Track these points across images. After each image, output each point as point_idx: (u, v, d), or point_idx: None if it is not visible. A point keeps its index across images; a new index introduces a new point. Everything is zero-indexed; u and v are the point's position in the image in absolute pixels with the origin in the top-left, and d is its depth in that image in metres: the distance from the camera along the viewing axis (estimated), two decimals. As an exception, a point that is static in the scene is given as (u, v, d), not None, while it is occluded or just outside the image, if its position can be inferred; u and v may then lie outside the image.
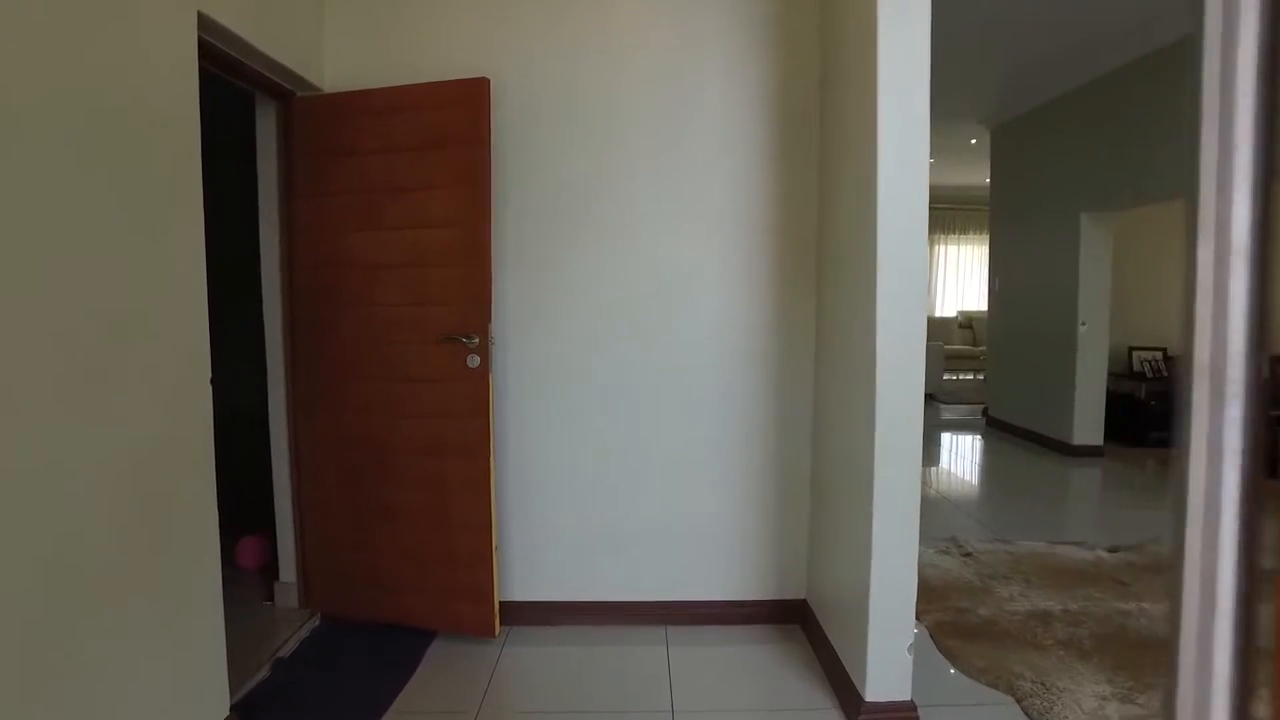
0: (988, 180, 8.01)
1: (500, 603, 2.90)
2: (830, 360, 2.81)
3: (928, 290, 2.33)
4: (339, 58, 2.94)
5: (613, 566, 3.07)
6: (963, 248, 12.54)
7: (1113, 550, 3.91)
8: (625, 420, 3.02)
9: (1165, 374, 6.87)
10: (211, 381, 2.13)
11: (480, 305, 2.73)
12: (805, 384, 3.03)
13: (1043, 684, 2.58)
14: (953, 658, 2.77)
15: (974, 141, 8.27)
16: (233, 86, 2.69)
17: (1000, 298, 7.62)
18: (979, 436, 7.30)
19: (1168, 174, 5.19)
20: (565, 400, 3.00)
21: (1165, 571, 3.61)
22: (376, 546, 2.90)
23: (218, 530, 2.16)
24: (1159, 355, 6.99)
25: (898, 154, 2.24)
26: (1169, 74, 5.13)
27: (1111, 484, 5.64)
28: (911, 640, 2.33)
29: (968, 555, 3.83)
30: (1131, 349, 7.04)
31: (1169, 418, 6.75)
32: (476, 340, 2.73)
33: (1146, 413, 6.71)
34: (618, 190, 2.95)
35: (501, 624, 2.93)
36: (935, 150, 8.12)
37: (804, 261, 2.99)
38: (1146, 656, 2.77)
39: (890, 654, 2.33)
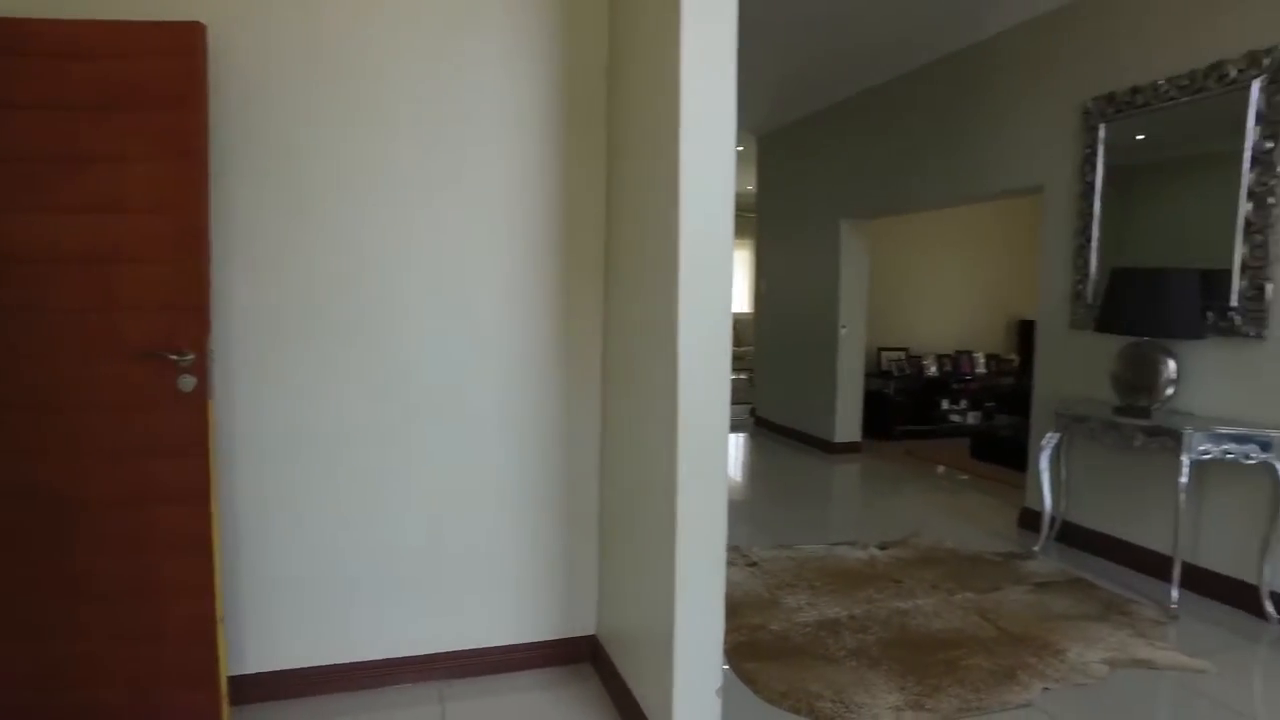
0: (751, 187, 8.34)
1: (230, 679, 2.33)
2: (620, 372, 2.57)
3: (732, 297, 2.29)
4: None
5: (373, 620, 2.60)
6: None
7: (883, 547, 4.08)
8: (385, 448, 2.56)
9: (909, 372, 7.53)
10: None
11: (195, 312, 2.15)
12: (592, 397, 2.76)
13: (842, 702, 2.51)
14: (752, 683, 2.64)
15: (740, 148, 8.58)
16: None
17: (766, 301, 7.94)
18: (748, 436, 7.55)
19: (915, 187, 5.60)
20: (312, 429, 2.48)
21: (929, 565, 3.81)
22: (53, 629, 2.20)
23: None
24: (903, 355, 7.65)
25: (703, 148, 2.04)
26: (922, 92, 5.52)
27: (871, 478, 6.02)
28: (721, 682, 2.14)
29: (753, 565, 3.79)
30: (880, 349, 7.63)
31: (913, 412, 7.41)
32: (191, 357, 2.15)
33: (894, 408, 7.30)
34: (376, 175, 2.49)
35: (231, 705, 2.36)
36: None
37: (591, 265, 2.72)
38: (928, 656, 2.82)
39: (698, 697, 2.12)
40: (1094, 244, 3.99)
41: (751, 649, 2.89)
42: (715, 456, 2.12)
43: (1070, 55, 4.15)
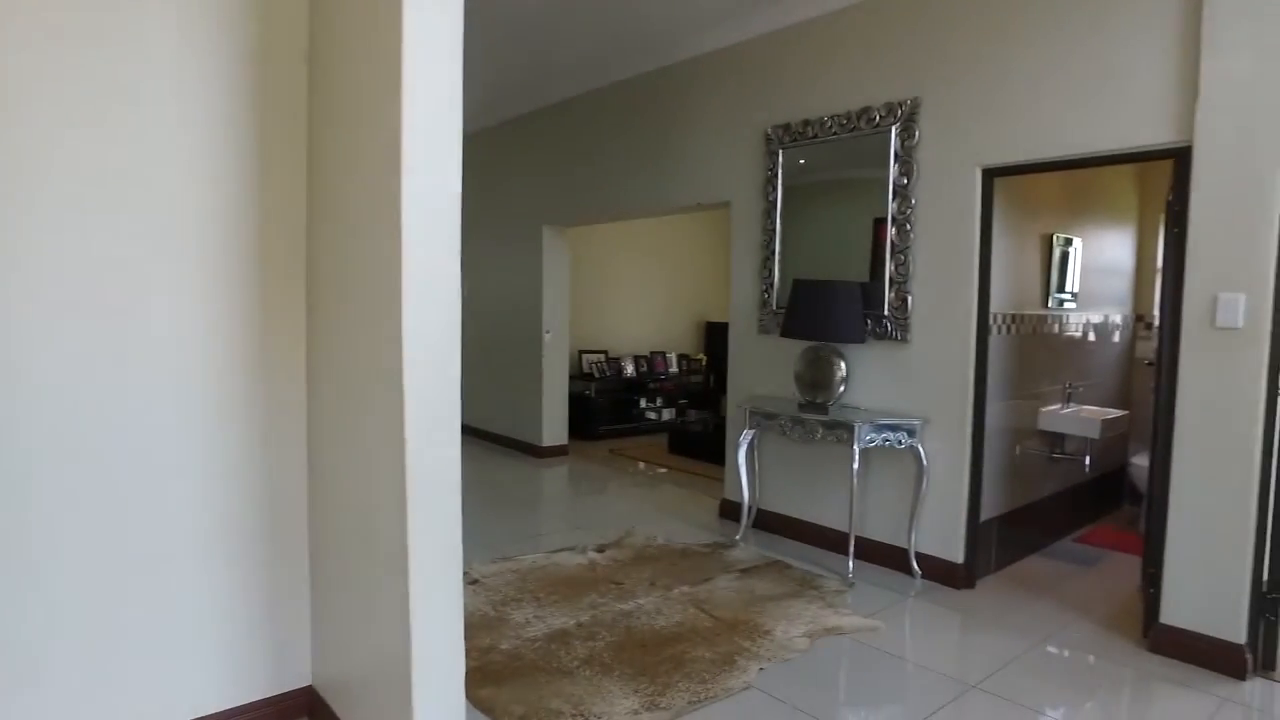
0: (452, 189, 8.08)
1: None
2: (332, 385, 2.29)
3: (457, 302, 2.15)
4: None
5: (15, 713, 2.01)
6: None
7: (600, 549, 4.15)
8: (21, 503, 1.99)
9: (609, 374, 7.83)
10: None
11: None
12: (295, 422, 2.42)
13: (582, 715, 2.48)
14: (490, 711, 2.50)
15: (439, 148, 8.27)
16: None
17: (468, 305, 7.74)
18: (455, 444, 7.29)
19: (614, 196, 5.81)
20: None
21: (645, 563, 3.95)
22: None
23: None
24: (603, 357, 7.94)
25: (426, 144, 1.92)
26: (622, 106, 5.71)
27: (580, 479, 6.15)
28: (464, 718, 1.98)
29: (475, 583, 3.63)
30: (581, 352, 7.84)
31: (614, 412, 7.71)
32: None
33: (596, 409, 7.54)
34: (10, 175, 1.93)
35: None
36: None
37: (289, 265, 2.39)
38: (656, 655, 2.90)
39: (440, 743, 1.94)
40: (777, 257, 4.45)
41: (484, 673, 2.74)
42: (448, 468, 2.05)
43: (754, 85, 4.57)
